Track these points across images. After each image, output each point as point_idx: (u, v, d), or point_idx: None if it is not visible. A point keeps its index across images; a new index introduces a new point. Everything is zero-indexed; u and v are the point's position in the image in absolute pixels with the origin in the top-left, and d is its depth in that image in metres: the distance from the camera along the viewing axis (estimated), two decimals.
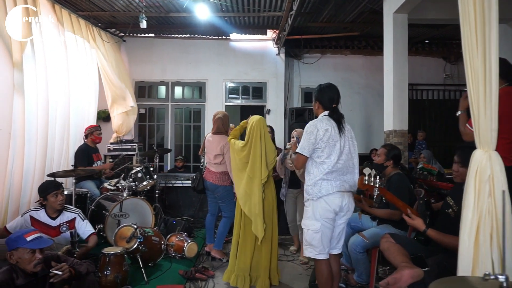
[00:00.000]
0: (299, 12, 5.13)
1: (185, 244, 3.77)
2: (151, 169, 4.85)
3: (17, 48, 3.81)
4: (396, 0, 4.07)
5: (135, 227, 3.38)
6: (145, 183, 4.56)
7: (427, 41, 7.34)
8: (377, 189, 2.27)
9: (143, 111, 7.26)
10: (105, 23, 6.21)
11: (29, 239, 2.25)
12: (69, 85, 4.97)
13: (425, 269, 1.99)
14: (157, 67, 7.10)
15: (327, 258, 2.54)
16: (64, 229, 3.16)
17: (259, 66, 7.11)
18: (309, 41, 7.06)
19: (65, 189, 3.63)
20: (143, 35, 7.00)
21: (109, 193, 4.46)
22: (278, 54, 7.06)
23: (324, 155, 2.47)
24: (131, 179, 4.45)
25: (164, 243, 3.71)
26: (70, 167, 4.68)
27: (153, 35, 7.05)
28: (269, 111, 7.08)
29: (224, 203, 3.93)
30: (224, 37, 7.03)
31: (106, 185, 4.72)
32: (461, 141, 2.41)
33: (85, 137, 4.94)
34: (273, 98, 7.13)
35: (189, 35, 7.00)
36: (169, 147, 6.98)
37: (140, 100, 7.11)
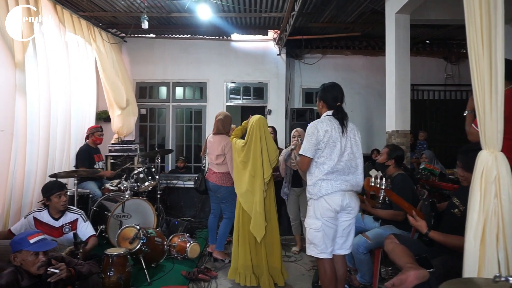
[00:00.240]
0: (301, 12, 5.13)
1: (188, 245, 3.77)
2: (153, 169, 4.86)
3: (19, 48, 3.80)
4: (398, 0, 4.07)
5: (138, 228, 3.39)
6: (147, 183, 4.56)
7: (428, 42, 7.35)
8: (383, 191, 2.27)
9: (144, 111, 7.25)
10: (106, 24, 6.20)
11: (32, 241, 2.24)
12: (70, 85, 4.97)
13: (430, 270, 1.99)
14: (158, 68, 7.09)
15: (329, 257, 2.53)
16: (66, 230, 3.16)
17: (260, 66, 7.10)
18: (310, 41, 7.06)
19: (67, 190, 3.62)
20: (144, 35, 6.99)
21: (111, 194, 4.45)
22: (279, 54, 7.06)
23: (324, 155, 2.48)
24: (133, 180, 4.45)
25: (166, 244, 3.72)
26: (72, 168, 4.69)
27: (154, 35, 7.03)
28: (270, 112, 7.08)
29: (225, 203, 3.93)
30: (225, 38, 7.02)
31: (108, 185, 4.71)
32: (462, 141, 2.41)
33: (86, 138, 4.94)
34: (274, 98, 7.12)
35: (190, 36, 6.99)
36: (170, 148, 6.96)
37: (141, 100, 7.11)
